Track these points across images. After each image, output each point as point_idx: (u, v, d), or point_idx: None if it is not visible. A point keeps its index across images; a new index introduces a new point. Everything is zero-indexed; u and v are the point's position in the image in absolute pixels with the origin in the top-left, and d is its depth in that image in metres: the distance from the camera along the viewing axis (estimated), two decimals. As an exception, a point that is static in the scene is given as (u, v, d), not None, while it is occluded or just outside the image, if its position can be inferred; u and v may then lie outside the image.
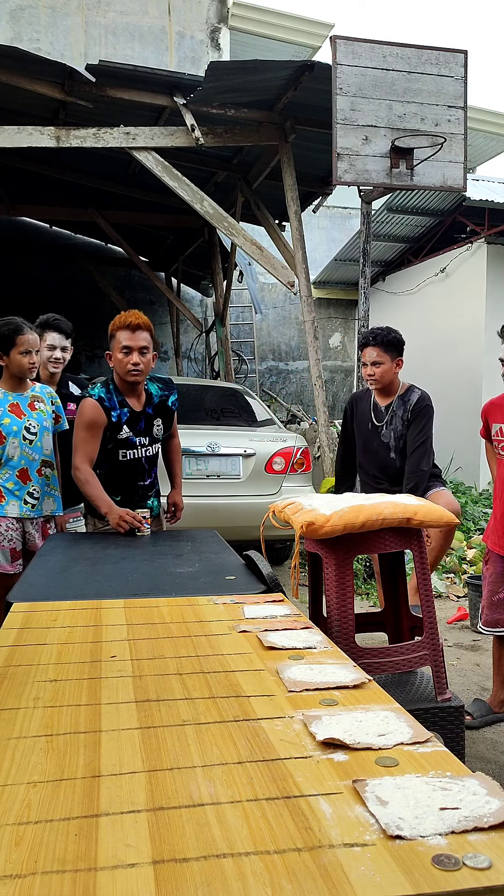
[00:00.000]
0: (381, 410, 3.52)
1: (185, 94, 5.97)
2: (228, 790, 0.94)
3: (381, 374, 3.43)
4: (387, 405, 3.51)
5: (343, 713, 1.16)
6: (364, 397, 3.65)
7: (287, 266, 6.41)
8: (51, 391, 3.42)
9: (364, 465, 3.64)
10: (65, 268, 11.16)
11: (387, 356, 3.43)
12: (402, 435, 3.44)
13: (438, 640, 2.29)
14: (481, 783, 0.94)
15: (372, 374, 3.44)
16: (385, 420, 3.49)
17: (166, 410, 3.08)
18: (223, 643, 1.53)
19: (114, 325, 2.89)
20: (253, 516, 4.79)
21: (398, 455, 3.46)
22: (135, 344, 2.85)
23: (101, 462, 2.96)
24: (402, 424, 3.44)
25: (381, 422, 3.50)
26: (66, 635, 1.57)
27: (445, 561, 5.82)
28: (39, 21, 9.60)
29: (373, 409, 3.56)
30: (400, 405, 3.47)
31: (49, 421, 3.31)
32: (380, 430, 3.51)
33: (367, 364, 3.46)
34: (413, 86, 5.18)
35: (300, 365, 12.39)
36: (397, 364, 3.48)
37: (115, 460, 2.97)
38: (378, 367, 3.43)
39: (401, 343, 3.50)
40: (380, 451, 3.51)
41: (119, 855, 0.80)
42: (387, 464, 3.51)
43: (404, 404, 3.46)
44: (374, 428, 3.53)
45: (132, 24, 9.96)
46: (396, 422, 3.46)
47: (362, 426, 3.59)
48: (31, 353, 3.12)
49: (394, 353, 3.45)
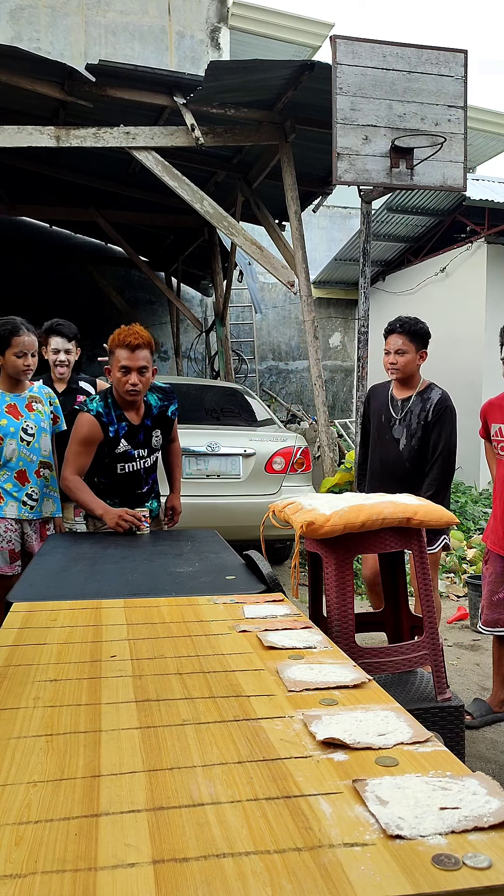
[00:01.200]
0: (398, 404, 3.39)
1: (185, 94, 5.97)
2: (228, 790, 0.94)
3: (405, 363, 3.32)
4: (404, 399, 3.38)
5: (343, 713, 1.16)
6: (382, 389, 3.53)
7: (287, 266, 6.41)
8: (49, 392, 3.41)
9: (373, 460, 3.53)
10: (65, 268, 11.16)
11: (412, 346, 3.32)
12: (415, 434, 3.31)
13: (438, 640, 2.29)
14: (481, 783, 0.94)
15: (395, 362, 3.33)
16: (400, 415, 3.37)
17: (165, 421, 3.05)
18: (223, 643, 1.53)
19: (113, 341, 2.84)
20: (253, 516, 4.79)
21: (406, 453, 3.33)
22: (133, 364, 2.81)
23: (98, 473, 2.96)
24: (418, 423, 3.31)
25: (396, 415, 3.38)
26: (66, 635, 1.57)
27: (445, 561, 5.82)
28: (39, 21, 9.60)
29: (389, 401, 3.43)
30: (418, 402, 3.34)
31: (47, 422, 3.30)
32: (392, 424, 3.39)
33: (390, 352, 3.34)
34: (413, 85, 5.18)
35: (300, 365, 12.39)
36: (421, 356, 3.36)
37: (114, 473, 2.96)
38: (402, 356, 3.31)
39: (427, 335, 3.39)
40: (390, 447, 3.39)
41: (119, 855, 0.80)
42: (393, 460, 3.38)
43: (423, 402, 3.33)
44: (388, 421, 3.41)
45: (132, 24, 9.96)
46: (412, 419, 3.33)
47: (376, 417, 3.49)
48: (26, 354, 3.10)
49: (419, 344, 3.34)
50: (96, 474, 2.96)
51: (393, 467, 3.39)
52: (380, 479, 3.43)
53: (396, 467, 3.38)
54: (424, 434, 3.31)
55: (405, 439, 3.34)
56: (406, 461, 3.35)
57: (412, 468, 3.34)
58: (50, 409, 3.34)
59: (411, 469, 3.34)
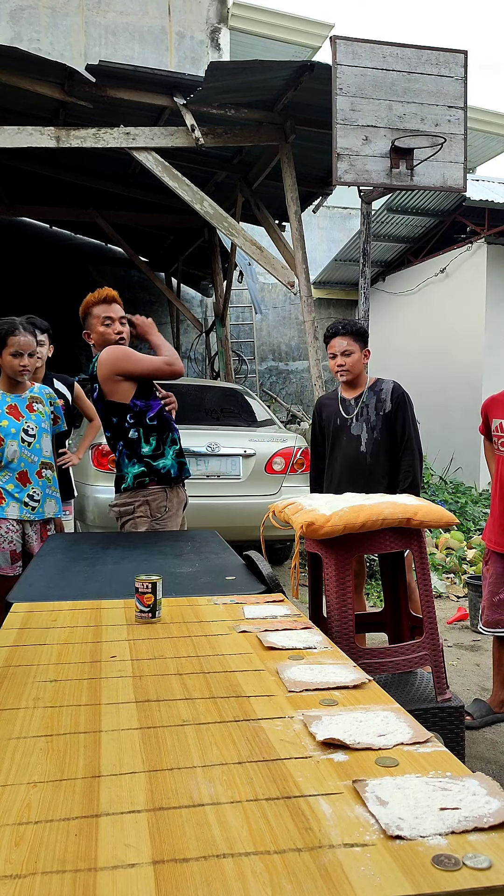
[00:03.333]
0: (350, 403, 3.42)
1: (185, 95, 5.97)
2: (228, 790, 0.94)
3: (352, 363, 3.35)
4: (356, 397, 3.41)
5: (343, 713, 1.16)
6: (329, 398, 3.56)
7: (287, 266, 6.41)
8: (50, 392, 3.41)
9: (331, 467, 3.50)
10: (65, 268, 11.16)
11: (356, 345, 3.36)
12: (376, 426, 3.34)
13: (438, 641, 2.29)
14: (481, 783, 0.94)
15: (343, 364, 3.36)
16: (355, 412, 3.39)
17: None
18: (223, 643, 1.53)
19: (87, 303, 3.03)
20: (253, 516, 4.79)
21: (369, 448, 3.34)
22: (115, 314, 3.00)
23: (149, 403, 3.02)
24: (377, 415, 3.34)
25: (350, 415, 3.40)
26: (66, 635, 1.57)
27: (445, 561, 5.82)
28: (39, 21, 9.60)
29: (340, 404, 3.46)
30: (371, 396, 3.38)
31: (48, 422, 3.30)
32: (349, 423, 3.40)
33: (336, 355, 3.38)
34: (413, 86, 5.18)
35: (300, 365, 12.39)
36: (365, 355, 3.42)
37: (156, 397, 3.06)
38: (348, 357, 3.35)
39: (366, 333, 3.46)
40: (349, 447, 3.39)
41: (119, 855, 0.80)
42: (356, 459, 3.37)
43: (377, 394, 3.37)
44: (343, 422, 3.42)
45: (132, 25, 9.96)
46: (370, 413, 3.36)
47: (331, 425, 3.48)
48: (22, 355, 3.10)
49: (362, 343, 3.40)
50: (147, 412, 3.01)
51: (353, 465, 3.39)
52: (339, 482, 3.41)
53: (357, 464, 3.39)
54: (386, 424, 3.34)
55: (366, 433, 3.36)
56: (368, 455, 3.36)
57: (373, 461, 3.35)
58: (50, 409, 3.34)
59: (373, 462, 3.35)
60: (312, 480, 3.67)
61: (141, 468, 2.93)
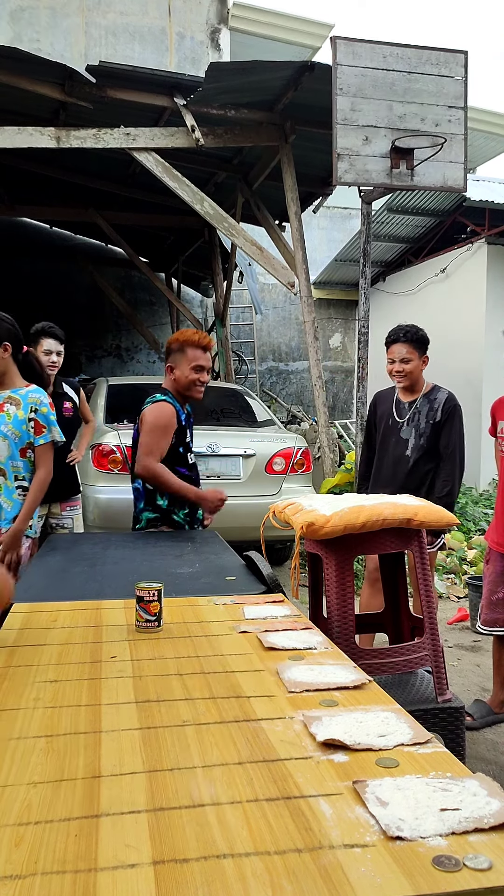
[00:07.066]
0: (404, 407, 3.50)
1: (185, 95, 5.97)
2: (229, 791, 0.94)
3: (411, 370, 3.42)
4: (410, 402, 3.49)
5: (343, 714, 1.16)
6: (387, 395, 3.64)
7: (287, 266, 6.41)
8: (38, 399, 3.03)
9: (378, 462, 3.62)
10: (65, 268, 11.16)
11: (416, 353, 3.43)
12: (424, 433, 3.41)
13: (439, 641, 2.29)
14: (482, 784, 0.94)
15: (401, 370, 3.43)
16: (407, 417, 3.47)
17: None
18: (223, 644, 1.53)
19: (188, 340, 2.91)
20: (253, 517, 4.78)
21: (414, 453, 3.43)
22: (207, 364, 2.94)
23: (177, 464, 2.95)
24: (427, 423, 3.42)
25: (402, 418, 3.48)
26: (67, 636, 1.57)
27: (446, 561, 5.82)
28: (39, 22, 9.60)
29: (395, 405, 3.54)
30: (425, 403, 3.45)
31: (11, 427, 2.94)
32: (400, 426, 3.49)
33: (395, 361, 3.45)
34: (413, 86, 5.18)
35: (300, 365, 12.39)
36: (424, 361, 3.48)
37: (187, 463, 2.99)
38: (407, 364, 3.42)
39: (427, 340, 3.51)
40: (397, 449, 3.49)
41: (119, 855, 0.80)
42: (401, 461, 3.48)
43: (430, 402, 3.44)
44: (395, 424, 3.51)
45: (132, 25, 9.96)
46: (420, 419, 3.44)
47: (383, 423, 3.59)
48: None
49: (421, 351, 3.46)
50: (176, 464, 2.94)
51: (398, 467, 3.50)
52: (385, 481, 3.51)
53: (400, 466, 3.49)
54: (433, 433, 3.41)
55: (413, 439, 3.45)
56: (411, 460, 3.45)
57: (413, 465, 3.45)
58: (30, 415, 2.97)
59: (412, 466, 3.45)
60: (362, 468, 3.80)
61: (156, 514, 2.93)
